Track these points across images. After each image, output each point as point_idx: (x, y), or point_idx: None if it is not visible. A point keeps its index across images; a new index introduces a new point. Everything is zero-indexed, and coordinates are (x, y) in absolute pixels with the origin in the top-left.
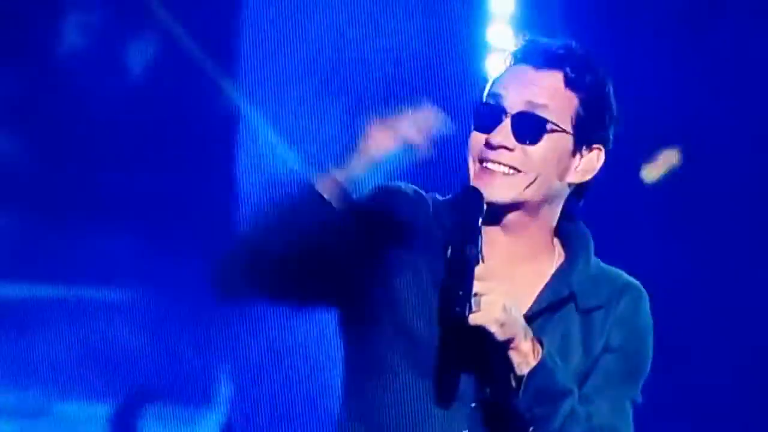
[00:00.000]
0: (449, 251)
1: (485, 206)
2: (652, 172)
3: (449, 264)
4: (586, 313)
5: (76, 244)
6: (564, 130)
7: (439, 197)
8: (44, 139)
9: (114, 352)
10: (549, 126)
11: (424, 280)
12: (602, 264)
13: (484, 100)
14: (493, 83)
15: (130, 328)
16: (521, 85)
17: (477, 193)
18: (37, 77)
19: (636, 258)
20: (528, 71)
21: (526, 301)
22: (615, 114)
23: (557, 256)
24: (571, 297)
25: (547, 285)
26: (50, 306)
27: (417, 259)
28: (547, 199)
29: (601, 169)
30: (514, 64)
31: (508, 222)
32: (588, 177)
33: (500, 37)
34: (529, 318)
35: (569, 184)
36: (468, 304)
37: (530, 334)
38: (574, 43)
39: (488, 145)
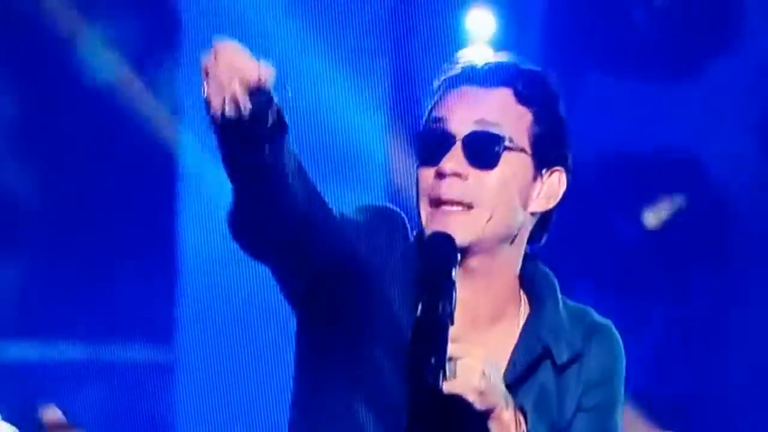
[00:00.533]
0: (419, 309)
1: (459, 256)
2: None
3: (419, 325)
4: (561, 369)
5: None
6: (522, 149)
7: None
8: None
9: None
10: (505, 144)
11: (389, 326)
12: (569, 302)
13: (425, 127)
14: (433, 109)
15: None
16: (468, 105)
17: (449, 240)
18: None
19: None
20: (473, 90)
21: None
22: (570, 134)
23: (523, 305)
24: (546, 353)
25: (518, 345)
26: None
27: (385, 301)
28: (509, 236)
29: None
30: (453, 86)
31: (468, 269)
32: (552, 204)
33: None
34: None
35: (532, 214)
36: (442, 372)
37: (511, 402)
38: (520, 59)
39: (439, 175)
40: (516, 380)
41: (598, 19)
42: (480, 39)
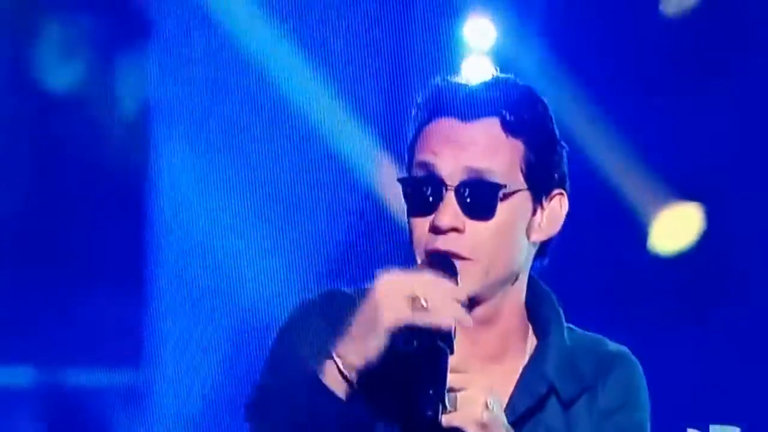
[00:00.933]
0: (416, 338)
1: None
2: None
3: (416, 355)
4: (569, 404)
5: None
6: (519, 190)
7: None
8: None
9: None
10: (501, 192)
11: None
12: (577, 330)
13: (412, 172)
14: (416, 148)
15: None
16: (455, 148)
17: (447, 262)
18: None
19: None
20: (456, 127)
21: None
22: (564, 146)
23: (530, 336)
24: (551, 391)
25: (521, 383)
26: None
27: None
28: (513, 275)
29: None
30: (434, 118)
31: (474, 316)
32: (556, 230)
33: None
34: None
35: (533, 243)
36: (441, 404)
37: None
38: (499, 74)
39: (435, 230)
40: (518, 419)
41: (601, 27)
42: (479, 50)
